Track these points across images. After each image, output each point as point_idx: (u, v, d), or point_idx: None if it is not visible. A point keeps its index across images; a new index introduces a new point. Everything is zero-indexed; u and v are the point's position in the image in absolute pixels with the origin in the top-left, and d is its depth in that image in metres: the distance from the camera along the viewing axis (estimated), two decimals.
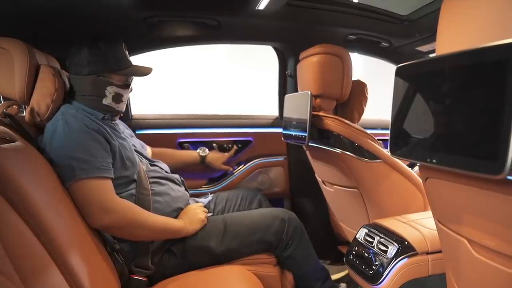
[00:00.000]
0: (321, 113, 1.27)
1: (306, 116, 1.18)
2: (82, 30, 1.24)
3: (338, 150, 1.18)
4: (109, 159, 0.98)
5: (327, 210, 1.75)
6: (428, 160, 0.53)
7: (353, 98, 1.37)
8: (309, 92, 1.18)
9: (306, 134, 1.20)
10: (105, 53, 1.03)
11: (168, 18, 1.37)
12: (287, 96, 1.44)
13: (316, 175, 1.53)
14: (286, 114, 1.42)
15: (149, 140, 1.51)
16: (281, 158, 1.80)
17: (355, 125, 1.18)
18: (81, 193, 0.90)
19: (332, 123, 1.20)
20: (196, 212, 1.10)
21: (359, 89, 1.39)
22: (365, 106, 1.41)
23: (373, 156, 1.13)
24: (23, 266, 0.55)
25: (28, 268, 0.57)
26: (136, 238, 1.00)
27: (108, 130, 1.03)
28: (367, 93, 1.40)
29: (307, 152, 1.47)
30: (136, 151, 1.14)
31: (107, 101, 1.05)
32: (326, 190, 1.46)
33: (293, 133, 1.32)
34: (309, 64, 1.29)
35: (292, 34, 1.60)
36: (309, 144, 1.27)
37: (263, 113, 1.90)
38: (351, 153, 1.16)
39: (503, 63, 0.39)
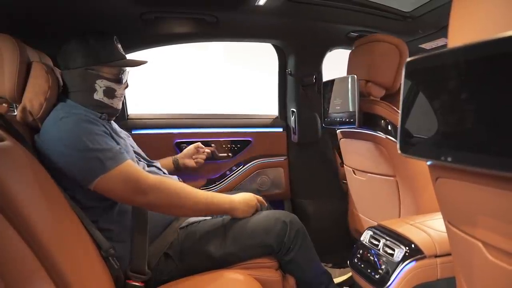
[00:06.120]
0: (370, 98, 1.28)
1: (355, 99, 1.20)
2: (76, 26, 1.20)
3: (382, 135, 1.19)
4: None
5: (329, 211, 1.72)
6: (442, 158, 0.50)
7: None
8: (355, 76, 1.21)
9: (354, 118, 1.21)
10: (94, 46, 1.00)
11: (165, 14, 1.33)
12: (327, 80, 1.42)
13: (345, 164, 1.51)
14: (327, 99, 1.41)
15: (146, 141, 1.48)
16: (281, 159, 1.77)
17: None
18: (115, 182, 0.91)
19: (380, 107, 1.21)
20: (251, 201, 1.10)
21: None
22: None
23: None
24: (10, 272, 0.52)
25: (15, 274, 0.54)
26: (179, 215, 1.06)
27: (108, 128, 1.00)
28: None
29: (341, 140, 1.46)
30: (134, 151, 1.12)
31: (98, 95, 1.02)
32: (356, 179, 1.44)
33: (338, 118, 1.32)
34: (365, 50, 1.29)
35: (293, 31, 1.57)
36: (348, 129, 1.26)
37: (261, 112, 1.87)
38: (396, 138, 1.14)
39: None
